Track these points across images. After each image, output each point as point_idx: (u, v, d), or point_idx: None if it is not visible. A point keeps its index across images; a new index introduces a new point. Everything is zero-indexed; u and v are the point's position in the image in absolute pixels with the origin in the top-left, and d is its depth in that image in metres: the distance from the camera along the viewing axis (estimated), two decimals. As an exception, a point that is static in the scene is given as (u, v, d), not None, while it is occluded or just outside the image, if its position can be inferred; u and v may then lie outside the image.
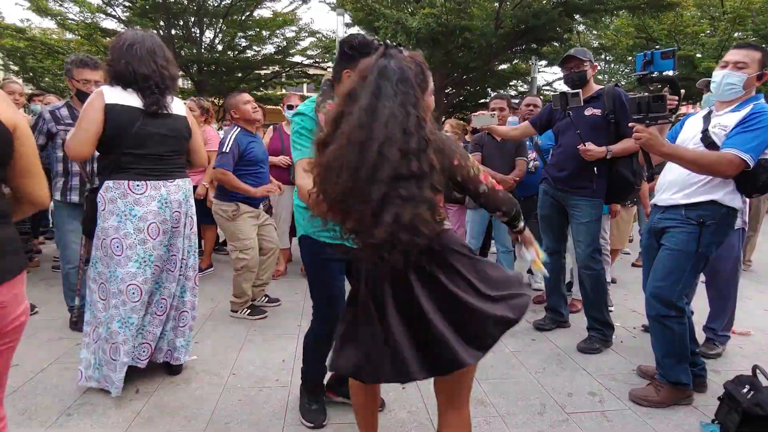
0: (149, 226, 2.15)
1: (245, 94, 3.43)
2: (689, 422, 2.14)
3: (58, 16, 11.15)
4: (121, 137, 2.09)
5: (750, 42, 2.19)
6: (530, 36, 10.40)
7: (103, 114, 2.05)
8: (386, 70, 1.20)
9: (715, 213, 2.13)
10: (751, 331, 3.26)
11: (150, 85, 2.12)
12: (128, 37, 2.14)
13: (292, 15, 13.08)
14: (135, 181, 2.12)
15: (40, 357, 2.61)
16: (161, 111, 2.17)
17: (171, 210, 2.22)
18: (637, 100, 2.17)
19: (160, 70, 2.15)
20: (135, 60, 2.09)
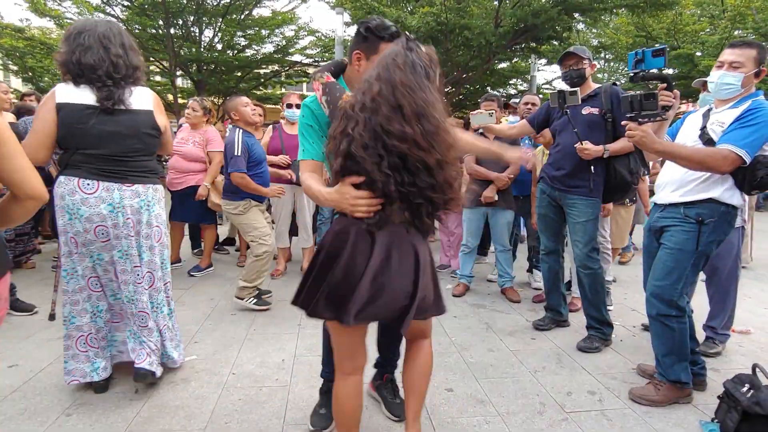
0: (96, 228, 2.05)
1: (244, 97, 3.49)
2: (689, 421, 2.14)
3: (56, 17, 11.12)
4: (74, 137, 1.99)
5: (745, 40, 2.19)
6: (530, 35, 10.38)
7: (56, 114, 1.95)
8: (416, 66, 1.38)
9: (714, 211, 2.13)
10: (751, 329, 3.26)
11: (99, 76, 1.96)
12: (77, 25, 2.00)
13: (291, 14, 13.05)
14: (86, 179, 2.01)
15: (40, 357, 2.61)
16: (116, 106, 2.01)
17: (123, 216, 2.07)
18: (630, 98, 2.19)
19: (113, 58, 1.98)
20: (80, 49, 1.94)
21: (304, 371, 2.53)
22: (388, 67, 1.38)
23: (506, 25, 9.80)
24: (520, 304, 3.73)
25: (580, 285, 2.99)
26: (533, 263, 4.29)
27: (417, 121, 1.35)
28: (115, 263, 2.15)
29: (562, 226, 3.11)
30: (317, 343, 2.86)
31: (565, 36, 10.73)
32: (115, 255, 2.13)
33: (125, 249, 2.13)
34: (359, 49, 1.71)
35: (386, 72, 1.38)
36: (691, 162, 2.08)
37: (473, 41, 9.75)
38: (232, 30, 12.46)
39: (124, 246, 2.13)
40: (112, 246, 2.11)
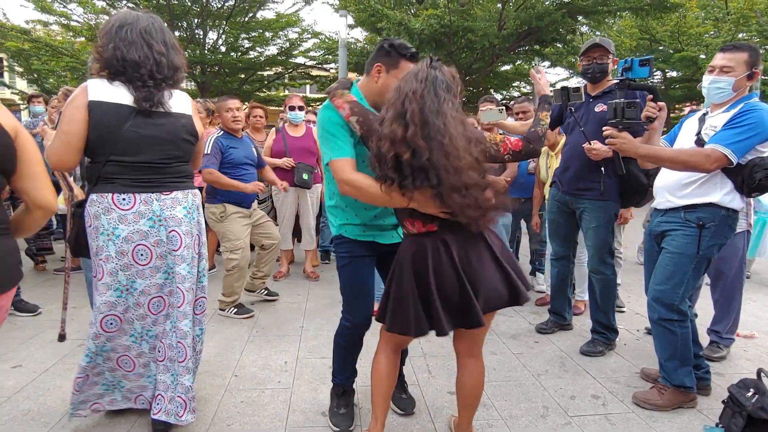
0: (134, 249, 1.80)
1: (232, 100, 3.44)
2: (693, 426, 2.13)
3: (62, 18, 11.19)
4: (106, 142, 1.74)
5: (737, 43, 2.19)
6: (533, 37, 10.39)
7: (87, 113, 1.71)
8: (436, 79, 1.53)
9: (715, 215, 2.12)
10: (755, 333, 3.24)
11: (141, 75, 1.75)
12: (119, 17, 1.79)
13: (295, 16, 13.10)
14: (120, 194, 1.77)
15: (43, 358, 2.62)
16: (156, 108, 1.80)
17: (166, 229, 1.84)
18: (614, 104, 2.25)
19: (156, 56, 1.78)
20: (123, 44, 1.74)
21: (306, 374, 2.53)
22: (407, 80, 1.55)
23: (510, 27, 9.80)
24: (523, 308, 3.72)
25: (590, 289, 2.94)
26: (536, 266, 4.28)
27: (418, 125, 1.47)
28: (160, 287, 1.89)
29: (573, 232, 3.06)
30: (319, 346, 2.88)
31: (569, 39, 10.72)
32: (158, 278, 1.87)
33: (170, 267, 1.88)
34: (381, 62, 1.80)
35: (404, 84, 1.54)
36: (675, 163, 2.10)
37: (476, 44, 9.75)
38: (236, 32, 12.53)
39: (170, 264, 1.88)
40: (155, 268, 1.86)
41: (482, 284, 1.61)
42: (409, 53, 1.79)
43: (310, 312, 3.51)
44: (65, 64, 11.89)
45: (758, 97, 2.18)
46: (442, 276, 1.59)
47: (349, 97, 1.74)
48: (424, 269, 1.60)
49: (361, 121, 1.68)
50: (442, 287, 1.59)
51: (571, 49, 11.47)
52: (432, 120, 1.48)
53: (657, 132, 2.31)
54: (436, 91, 1.51)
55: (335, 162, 1.70)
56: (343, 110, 1.71)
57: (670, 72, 14.73)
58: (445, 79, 1.55)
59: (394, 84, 1.60)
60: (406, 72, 1.60)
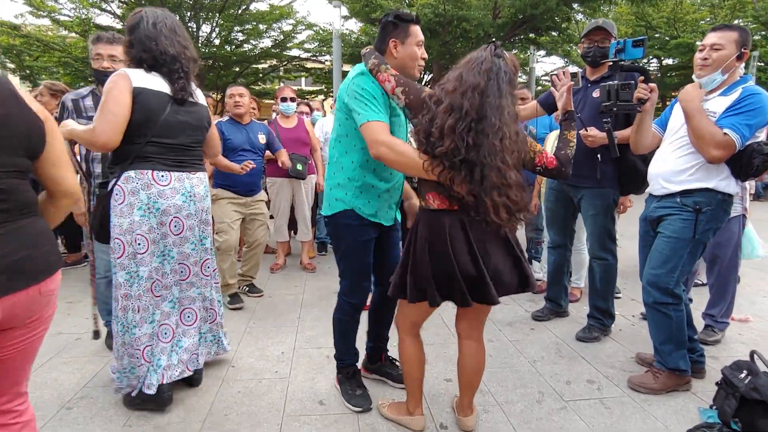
0: (171, 221, 2.01)
1: (236, 87, 3.46)
2: (687, 408, 2.14)
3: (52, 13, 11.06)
4: (148, 125, 1.91)
5: (729, 23, 2.17)
6: (528, 26, 10.34)
7: (131, 97, 1.86)
8: (501, 72, 1.52)
9: (712, 199, 2.13)
10: (750, 317, 3.26)
11: (177, 68, 1.97)
12: (149, 14, 1.95)
13: (288, 8, 12.98)
14: (159, 171, 1.96)
15: (40, 352, 2.59)
16: (188, 98, 2.03)
17: (195, 204, 2.09)
18: (607, 87, 2.25)
19: (184, 50, 2.00)
20: (163, 39, 1.93)
21: (303, 364, 2.54)
22: (471, 70, 1.53)
23: (505, 16, 9.75)
24: (520, 295, 3.72)
25: (590, 274, 2.93)
26: (532, 254, 4.29)
27: (474, 120, 1.49)
28: (187, 256, 2.12)
29: (571, 221, 3.06)
30: (316, 336, 2.89)
31: (564, 27, 10.67)
32: (187, 248, 2.10)
33: (198, 238, 2.14)
34: (394, 37, 1.84)
35: (467, 74, 1.53)
36: (701, 130, 2.04)
37: (471, 33, 9.70)
38: (230, 25, 12.40)
39: (197, 235, 2.13)
40: (185, 239, 2.08)
41: (492, 269, 1.65)
42: (414, 17, 1.86)
43: (307, 303, 3.51)
44: (57, 59, 11.77)
45: (753, 80, 2.17)
46: (458, 253, 1.62)
47: (392, 70, 1.77)
48: (443, 244, 1.62)
49: (407, 90, 1.70)
50: (460, 262, 1.62)
51: (567, 38, 11.43)
52: (489, 116, 1.49)
53: (649, 114, 2.30)
54: (499, 85, 1.51)
55: (373, 123, 1.70)
56: (388, 83, 1.73)
57: (666, 59, 14.69)
58: (508, 70, 1.55)
59: (454, 70, 1.59)
60: (469, 58, 1.58)
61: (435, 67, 11.46)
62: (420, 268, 1.67)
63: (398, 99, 1.73)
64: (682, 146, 2.19)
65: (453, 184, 1.56)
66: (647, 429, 1.99)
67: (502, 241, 1.68)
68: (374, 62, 1.79)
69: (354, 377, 2.18)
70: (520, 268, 1.71)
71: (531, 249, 4.30)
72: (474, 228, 1.63)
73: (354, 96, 1.77)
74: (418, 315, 1.87)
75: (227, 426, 1.98)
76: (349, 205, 1.93)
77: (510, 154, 1.54)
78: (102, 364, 2.48)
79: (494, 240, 1.66)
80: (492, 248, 1.66)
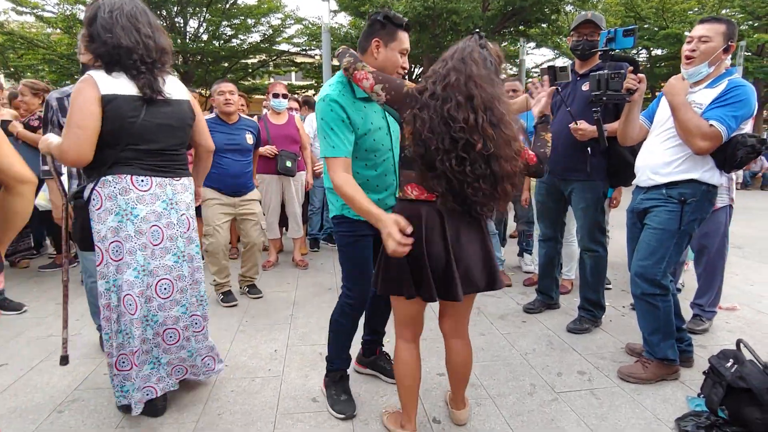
0: (151, 228, 1.86)
1: (225, 83, 3.39)
2: (676, 397, 2.18)
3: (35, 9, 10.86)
4: (124, 132, 1.77)
5: (716, 15, 2.19)
6: (518, 18, 10.33)
7: (100, 106, 1.71)
8: (486, 62, 1.50)
9: (696, 190, 2.15)
10: (737, 305, 3.31)
11: (134, 61, 1.75)
12: (106, 3, 1.75)
13: (277, 2, 12.87)
14: (139, 176, 1.82)
15: (30, 355, 2.60)
16: (157, 96, 1.82)
17: (178, 213, 1.94)
18: (597, 76, 2.25)
19: (144, 39, 1.77)
20: (115, 30, 1.71)
21: (296, 361, 2.54)
22: (464, 61, 1.49)
23: (494, 8, 9.73)
24: (511, 288, 3.76)
25: (581, 267, 2.96)
26: (523, 247, 4.31)
27: (484, 112, 1.47)
28: (169, 270, 1.93)
29: (561, 214, 3.07)
30: (309, 333, 2.89)
31: (554, 19, 10.67)
32: (169, 260, 1.92)
33: (181, 250, 1.96)
34: (378, 37, 1.77)
35: (462, 65, 1.49)
36: (688, 122, 2.06)
37: (461, 26, 9.68)
38: (218, 20, 12.29)
39: (180, 246, 1.95)
40: (165, 249, 1.91)
41: (464, 264, 1.63)
42: (404, 23, 1.79)
43: (300, 300, 3.51)
44: (42, 56, 11.59)
45: (740, 73, 2.19)
46: (431, 244, 1.59)
47: (369, 66, 1.72)
48: (418, 237, 1.58)
49: (387, 87, 1.63)
50: (432, 255, 1.60)
51: (556, 29, 11.45)
52: (494, 106, 1.48)
53: (637, 105, 2.32)
54: (490, 74, 1.50)
55: (331, 160, 1.72)
56: (366, 80, 1.66)
57: (655, 50, 14.75)
58: (494, 60, 1.53)
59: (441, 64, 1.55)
60: (455, 50, 1.54)
61: (425, 61, 11.42)
62: (394, 260, 1.60)
63: (377, 96, 1.65)
64: (669, 138, 2.21)
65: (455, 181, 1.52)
66: (637, 418, 2.02)
67: (477, 236, 1.67)
68: (348, 60, 1.72)
69: (341, 382, 2.14)
70: (490, 267, 1.69)
71: (522, 242, 4.32)
72: (451, 220, 1.61)
73: (319, 125, 1.77)
74: (406, 314, 1.78)
75: (221, 425, 1.98)
76: (339, 211, 1.96)
77: (514, 141, 1.53)
78: (93, 366, 2.47)
79: (471, 233, 1.65)
80: (467, 242, 1.63)
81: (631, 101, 2.28)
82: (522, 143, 1.67)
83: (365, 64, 1.71)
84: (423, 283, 1.62)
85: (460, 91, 1.47)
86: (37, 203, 3.51)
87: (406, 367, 1.79)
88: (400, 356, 1.80)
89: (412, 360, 1.79)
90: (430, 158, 1.51)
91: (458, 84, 1.47)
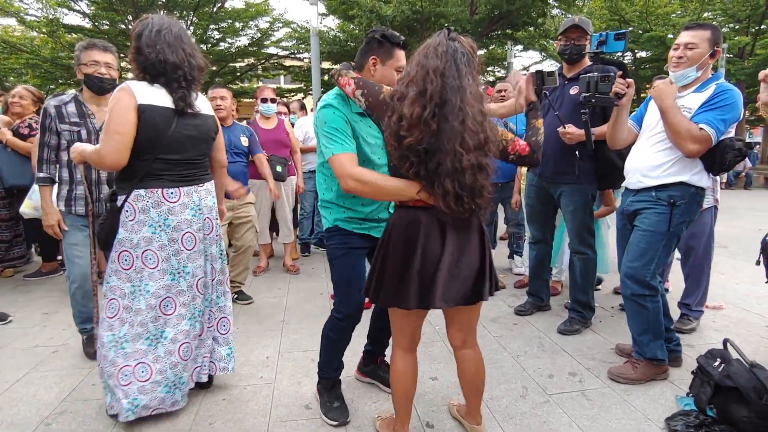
0: (183, 236, 1.98)
1: (217, 89, 3.39)
2: (665, 396, 2.21)
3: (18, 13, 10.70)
4: (155, 142, 1.88)
5: (700, 22, 2.24)
6: (505, 21, 10.43)
7: (136, 115, 1.83)
8: (457, 53, 1.45)
9: (685, 193, 2.19)
10: (723, 304, 3.37)
11: (178, 77, 1.90)
12: (155, 21, 1.91)
13: (265, 5, 12.83)
14: (169, 188, 1.94)
15: (16, 366, 2.55)
16: (188, 110, 1.96)
17: (203, 217, 2.06)
18: (587, 79, 2.28)
19: (188, 58, 1.94)
20: (165, 47, 1.87)
21: (288, 367, 2.53)
22: (427, 55, 1.46)
23: (482, 12, 9.82)
24: (502, 291, 3.78)
25: (571, 269, 2.99)
26: (514, 249, 4.34)
27: (437, 106, 1.42)
28: (204, 271, 2.08)
29: (551, 216, 3.10)
30: (301, 339, 2.88)
31: (540, 22, 10.79)
32: (201, 261, 2.06)
33: (211, 251, 2.11)
34: (375, 54, 1.80)
35: (425, 59, 1.46)
36: (677, 126, 2.10)
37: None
38: (205, 23, 12.21)
39: (210, 249, 2.11)
40: (199, 252, 2.04)
41: (459, 272, 1.59)
42: (401, 41, 1.82)
43: (291, 306, 3.50)
44: (25, 60, 11.41)
45: (722, 77, 2.24)
46: (427, 251, 1.56)
47: (353, 73, 1.73)
48: (414, 242, 1.56)
49: (366, 93, 1.64)
50: (424, 263, 1.56)
51: (543, 32, 11.57)
52: (450, 98, 1.42)
53: (626, 108, 2.35)
54: (457, 65, 1.45)
55: (338, 156, 1.66)
56: (348, 86, 1.68)
57: (640, 52, 14.99)
58: (466, 51, 1.49)
59: (411, 62, 1.53)
60: (424, 45, 1.51)
61: (414, 64, 11.46)
62: (393, 267, 1.59)
63: (358, 101, 1.68)
64: (659, 141, 2.25)
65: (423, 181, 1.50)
66: (628, 419, 2.04)
67: (478, 242, 1.62)
68: (336, 69, 1.77)
69: (333, 389, 2.12)
70: (482, 277, 1.63)
71: (513, 244, 4.35)
72: (450, 225, 1.56)
73: (320, 128, 1.76)
74: (404, 325, 1.74)
75: (213, 435, 1.96)
76: (332, 223, 1.96)
77: (472, 135, 1.45)
78: (81, 377, 2.43)
79: (471, 240, 1.61)
80: (466, 248, 1.60)
81: (619, 105, 2.32)
82: (499, 134, 1.63)
83: (350, 71, 1.72)
84: (403, 288, 1.57)
85: (417, 85, 1.44)
86: (22, 211, 3.44)
87: (402, 377, 1.76)
88: (396, 365, 1.77)
89: (408, 369, 1.76)
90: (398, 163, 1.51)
91: (416, 79, 1.45)
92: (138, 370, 1.96)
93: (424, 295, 1.57)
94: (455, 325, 1.80)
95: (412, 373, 1.77)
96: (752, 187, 13.28)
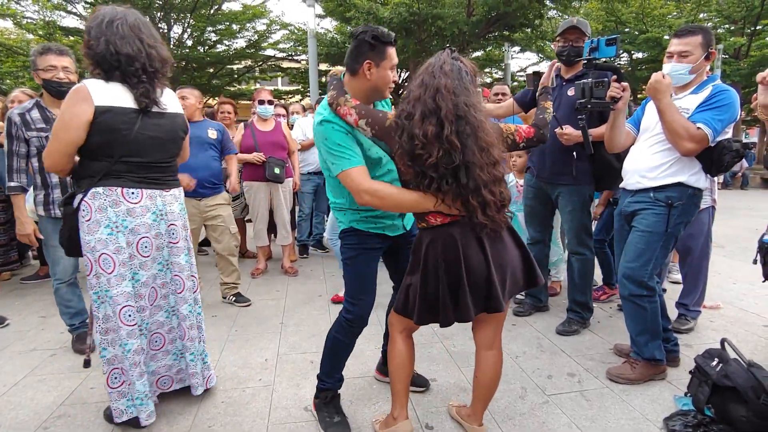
0: (139, 241, 1.88)
1: (181, 89, 3.40)
2: (663, 396, 2.21)
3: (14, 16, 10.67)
4: (116, 145, 1.78)
5: (690, 26, 2.24)
6: (502, 23, 10.45)
7: (92, 118, 1.72)
8: (462, 72, 1.51)
9: (683, 194, 2.20)
10: (720, 304, 3.38)
11: (136, 69, 1.78)
12: (107, 12, 1.79)
13: (262, 7, 12.83)
14: (130, 188, 1.84)
15: (13, 370, 2.54)
16: (152, 108, 1.85)
17: (167, 223, 1.96)
18: (582, 84, 2.30)
19: (147, 49, 1.80)
20: (116, 38, 1.74)
21: (287, 370, 2.52)
22: (434, 74, 1.49)
23: (479, 13, 9.83)
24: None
25: (569, 269, 2.99)
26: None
27: (453, 123, 1.46)
28: (155, 278, 1.98)
29: (549, 217, 3.11)
30: (299, 341, 2.87)
31: (537, 23, 10.82)
32: (155, 269, 1.97)
33: (166, 259, 1.99)
34: (369, 58, 1.74)
35: (431, 78, 1.49)
36: (674, 123, 2.11)
37: (446, 31, 9.75)
38: (202, 25, 12.18)
39: (165, 256, 1.99)
40: (153, 260, 1.95)
41: (507, 267, 1.65)
42: (391, 39, 1.77)
43: (290, 308, 3.49)
44: (21, 63, 11.38)
45: (719, 78, 2.26)
46: (471, 263, 1.58)
47: (353, 101, 1.69)
48: (456, 258, 1.57)
49: (371, 122, 1.62)
50: (472, 274, 1.58)
51: (540, 34, 11.60)
52: (467, 114, 1.46)
53: (622, 112, 2.36)
54: (464, 83, 1.49)
55: (348, 172, 1.63)
56: (350, 116, 1.65)
57: (636, 53, 15.05)
58: (468, 70, 1.53)
59: (413, 81, 1.55)
60: (427, 65, 1.54)
61: (411, 66, 11.48)
62: (432, 288, 1.61)
63: (363, 131, 1.65)
64: (657, 143, 2.26)
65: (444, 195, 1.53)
66: (626, 419, 2.05)
67: (510, 236, 1.68)
68: (332, 95, 1.72)
69: (332, 402, 2.05)
70: (529, 263, 1.73)
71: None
72: (485, 234, 1.59)
73: (323, 146, 1.72)
74: (412, 325, 1.80)
75: (211, 438, 1.96)
76: (348, 224, 1.93)
77: (492, 148, 1.52)
78: (79, 380, 2.42)
79: (504, 237, 1.65)
80: (503, 246, 1.64)
81: (615, 109, 2.32)
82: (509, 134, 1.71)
83: (348, 98, 1.69)
84: (461, 306, 1.61)
85: (426, 104, 1.46)
86: None
87: (404, 355, 1.84)
88: (396, 347, 1.83)
89: (407, 350, 1.85)
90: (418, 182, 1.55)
91: (425, 98, 1.47)
92: (111, 377, 1.92)
93: (485, 302, 1.63)
94: (491, 323, 1.78)
95: (411, 352, 1.87)
96: (749, 187, 13.33)
